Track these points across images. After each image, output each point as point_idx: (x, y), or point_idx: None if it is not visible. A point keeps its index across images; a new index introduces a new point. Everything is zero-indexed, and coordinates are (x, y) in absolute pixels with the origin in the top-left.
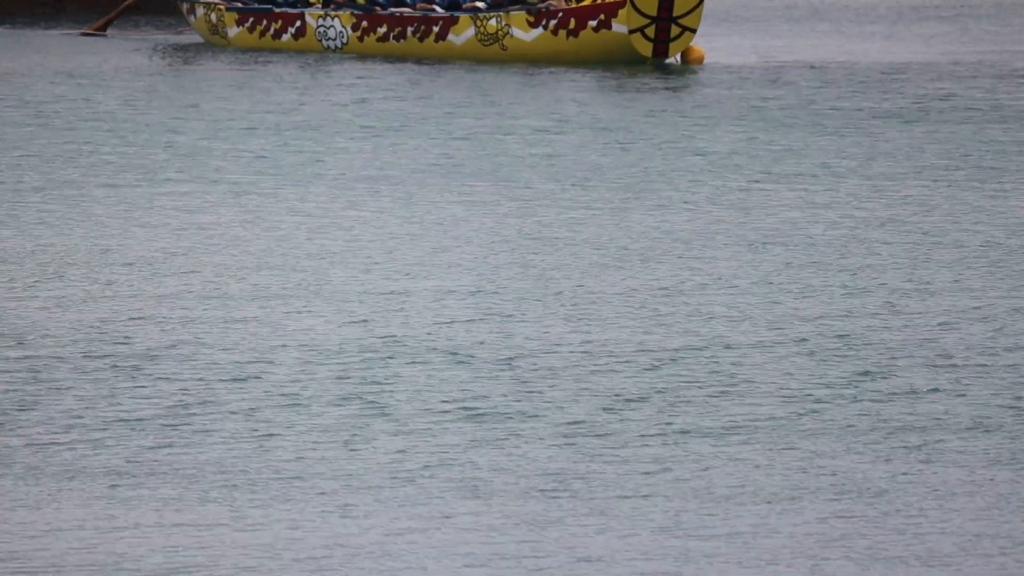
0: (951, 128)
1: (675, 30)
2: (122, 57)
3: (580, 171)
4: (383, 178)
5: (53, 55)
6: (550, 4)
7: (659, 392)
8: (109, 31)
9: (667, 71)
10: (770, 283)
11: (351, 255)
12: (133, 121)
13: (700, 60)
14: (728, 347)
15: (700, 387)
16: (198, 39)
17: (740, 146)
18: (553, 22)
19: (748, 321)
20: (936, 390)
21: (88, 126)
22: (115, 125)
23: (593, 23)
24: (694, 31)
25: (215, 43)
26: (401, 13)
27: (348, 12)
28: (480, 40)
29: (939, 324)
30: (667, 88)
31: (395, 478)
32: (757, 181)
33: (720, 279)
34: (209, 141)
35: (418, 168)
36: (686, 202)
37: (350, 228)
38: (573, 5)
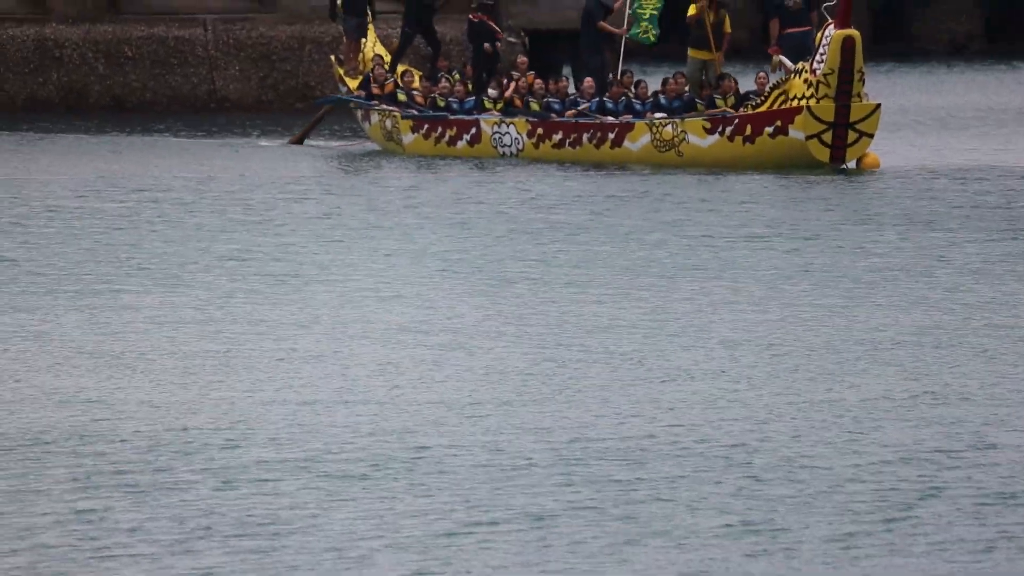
0: None
1: (852, 135)
2: (307, 164)
3: (778, 272)
4: (594, 281)
5: (259, 163)
6: (726, 111)
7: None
8: (306, 142)
9: (846, 175)
10: None
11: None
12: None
13: (876, 166)
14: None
15: None
16: (374, 146)
17: (937, 249)
18: (729, 128)
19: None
20: None
21: (297, 229)
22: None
23: (770, 129)
24: (871, 136)
25: (390, 149)
26: (576, 120)
27: (523, 119)
28: (656, 146)
29: None
30: (848, 192)
31: None
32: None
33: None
34: (397, 242)
35: (625, 270)
36: (896, 305)
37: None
38: (750, 111)
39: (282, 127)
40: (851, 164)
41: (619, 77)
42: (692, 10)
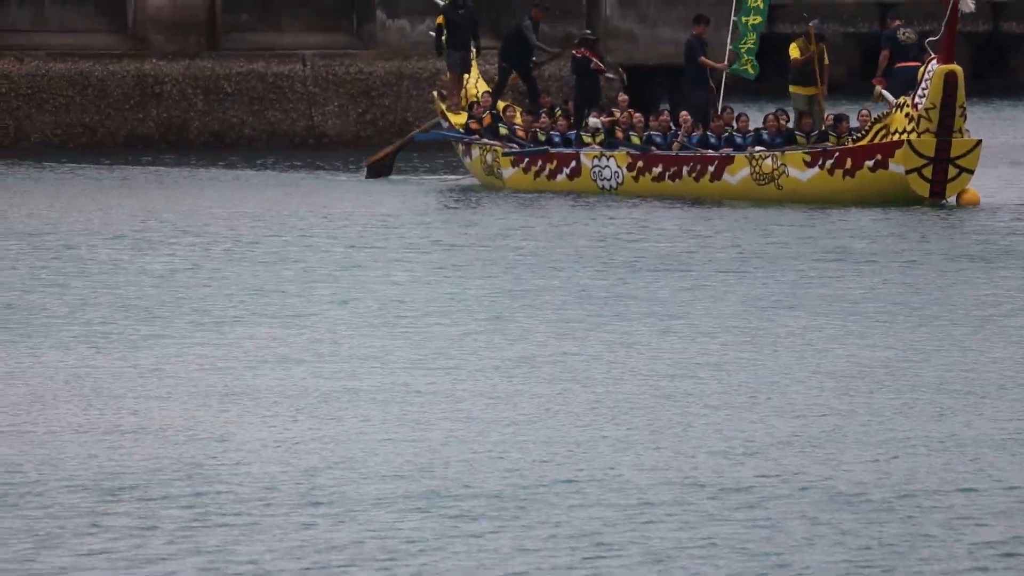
0: None
1: (952, 171)
2: (408, 199)
3: (887, 307)
4: (702, 315)
5: (360, 198)
6: (826, 145)
7: None
8: (392, 174)
9: (946, 211)
10: None
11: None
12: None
13: (975, 202)
14: None
15: None
16: (474, 181)
17: None
18: (829, 162)
19: None
20: None
21: (406, 264)
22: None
23: (870, 163)
24: (971, 172)
25: (490, 184)
26: (676, 152)
27: (624, 152)
28: (755, 180)
29: None
30: (950, 227)
31: None
32: None
33: None
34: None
35: (732, 304)
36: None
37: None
38: (850, 144)
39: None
40: (951, 200)
41: (719, 112)
42: (795, 52)
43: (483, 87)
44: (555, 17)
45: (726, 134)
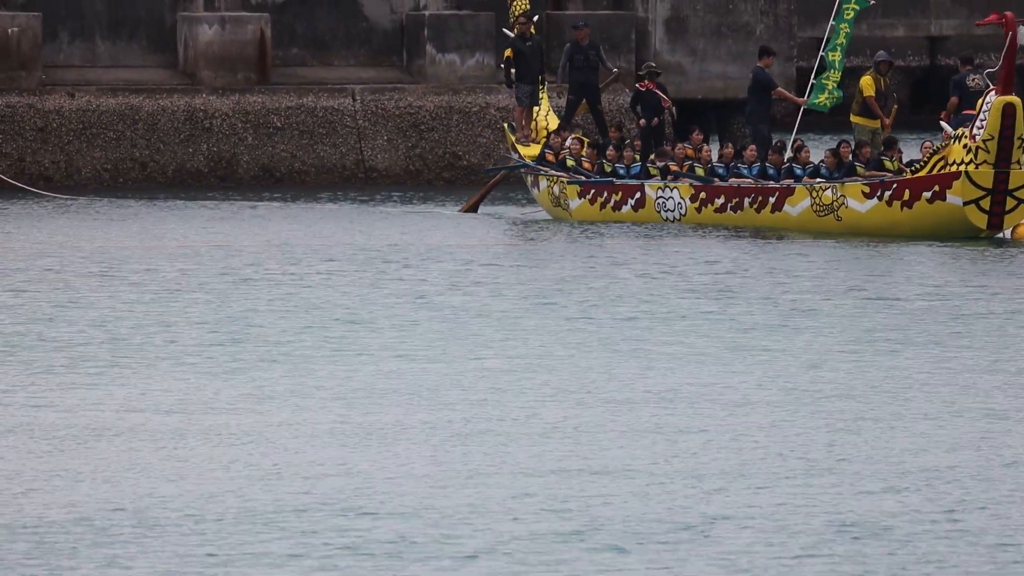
0: None
1: (1010, 202)
2: (482, 232)
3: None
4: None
5: (433, 232)
6: (885, 176)
7: None
8: (480, 209)
9: (1002, 245)
10: None
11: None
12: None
13: None
14: None
15: None
16: (543, 212)
17: None
18: (888, 193)
19: None
20: None
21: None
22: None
23: (928, 195)
24: None
25: (557, 215)
26: (739, 184)
27: (687, 183)
28: (815, 211)
29: None
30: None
31: None
32: None
33: None
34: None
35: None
36: None
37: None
38: (908, 176)
39: (435, 197)
40: (1006, 233)
41: (793, 144)
42: (869, 88)
43: (553, 120)
44: (604, 51)
45: (786, 165)
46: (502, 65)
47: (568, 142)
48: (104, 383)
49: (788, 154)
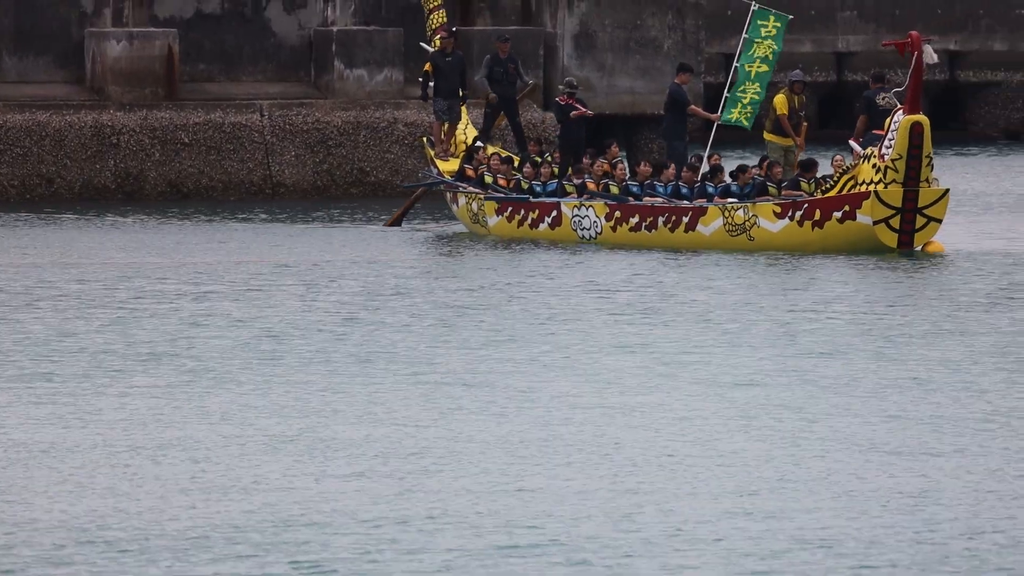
0: None
1: (920, 220)
2: (403, 247)
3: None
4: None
5: (361, 247)
6: (796, 195)
7: None
8: (403, 223)
9: (913, 258)
10: None
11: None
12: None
13: (940, 251)
14: None
15: None
16: (462, 227)
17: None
18: (799, 213)
19: None
20: None
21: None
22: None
23: (838, 214)
24: (940, 221)
25: (476, 232)
26: (653, 203)
27: (602, 202)
28: (728, 231)
29: None
30: (916, 276)
31: None
32: None
33: None
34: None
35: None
36: None
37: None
38: (819, 196)
39: (345, 211)
40: (917, 249)
41: (708, 160)
42: (782, 107)
43: (472, 133)
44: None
45: (697, 184)
46: (420, 79)
47: (489, 157)
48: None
49: (704, 169)
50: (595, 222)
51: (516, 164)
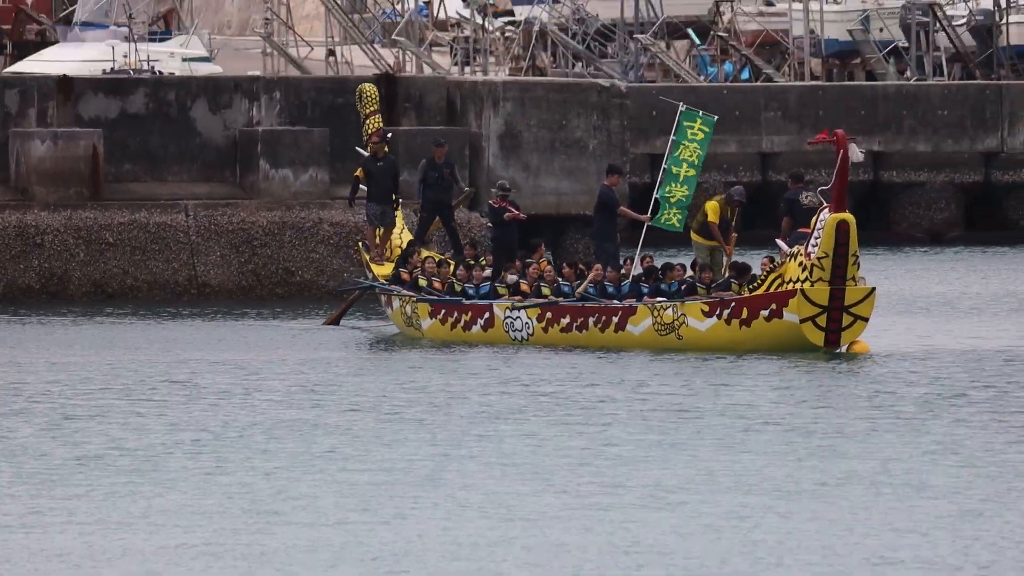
0: None
1: (847, 319)
2: (341, 347)
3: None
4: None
5: (293, 347)
6: (724, 295)
7: None
8: (342, 322)
9: (839, 359)
10: None
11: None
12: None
13: (864, 352)
14: None
15: None
16: (395, 329)
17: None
18: (727, 312)
19: None
20: None
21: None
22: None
23: (765, 313)
24: (866, 320)
25: (410, 335)
26: (583, 304)
27: (534, 304)
28: (657, 330)
29: None
30: (839, 379)
31: None
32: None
33: None
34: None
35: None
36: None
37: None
38: (745, 294)
39: (272, 311)
40: (843, 348)
41: (641, 261)
42: (714, 215)
43: (408, 237)
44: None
45: (626, 284)
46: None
47: (423, 260)
48: None
49: (637, 271)
50: (527, 323)
51: (452, 269)
